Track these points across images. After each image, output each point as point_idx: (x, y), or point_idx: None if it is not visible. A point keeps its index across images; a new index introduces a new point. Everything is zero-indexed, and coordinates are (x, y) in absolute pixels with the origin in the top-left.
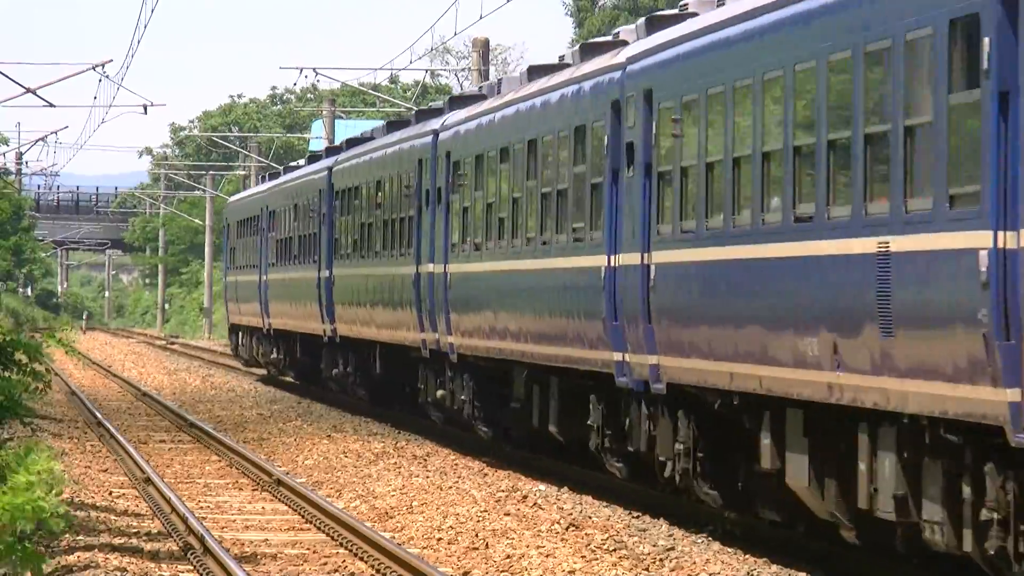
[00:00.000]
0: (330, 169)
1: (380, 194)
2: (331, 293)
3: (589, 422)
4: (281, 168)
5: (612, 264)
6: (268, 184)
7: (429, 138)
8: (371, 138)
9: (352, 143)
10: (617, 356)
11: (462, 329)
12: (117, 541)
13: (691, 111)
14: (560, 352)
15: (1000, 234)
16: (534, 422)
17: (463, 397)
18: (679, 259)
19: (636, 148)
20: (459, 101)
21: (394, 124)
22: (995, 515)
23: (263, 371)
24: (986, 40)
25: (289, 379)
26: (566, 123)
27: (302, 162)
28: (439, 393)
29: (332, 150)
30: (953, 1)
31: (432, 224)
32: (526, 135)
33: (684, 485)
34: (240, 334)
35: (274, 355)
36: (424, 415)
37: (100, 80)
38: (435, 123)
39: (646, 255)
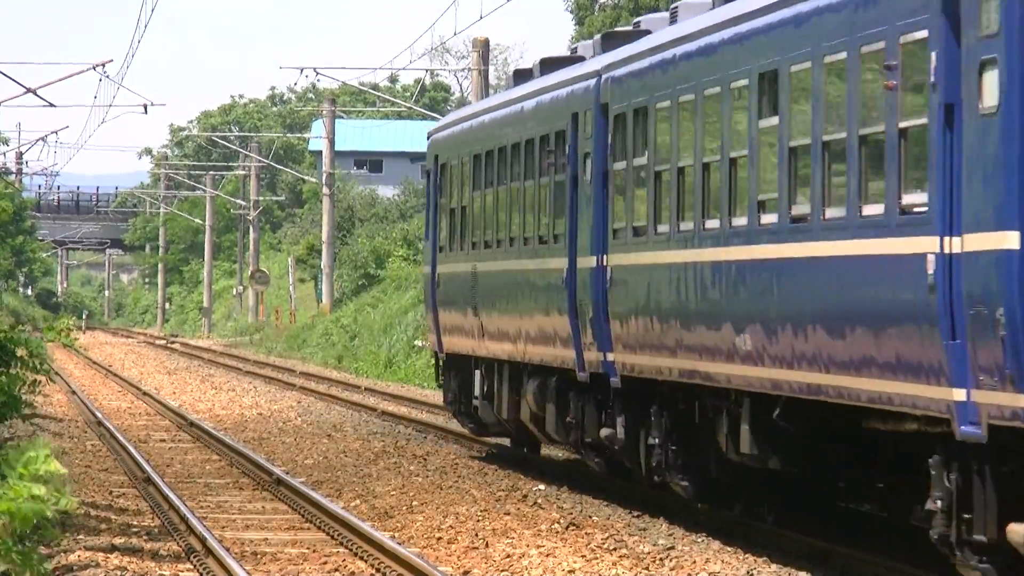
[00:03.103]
0: None
1: None
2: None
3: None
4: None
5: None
6: (596, 62)
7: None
8: None
9: None
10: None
11: None
12: (117, 541)
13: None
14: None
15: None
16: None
17: None
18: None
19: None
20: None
21: None
22: None
23: (501, 440)
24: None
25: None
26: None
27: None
28: None
29: None
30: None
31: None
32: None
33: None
34: (480, 375)
35: (619, 434)
36: None
37: (100, 80)
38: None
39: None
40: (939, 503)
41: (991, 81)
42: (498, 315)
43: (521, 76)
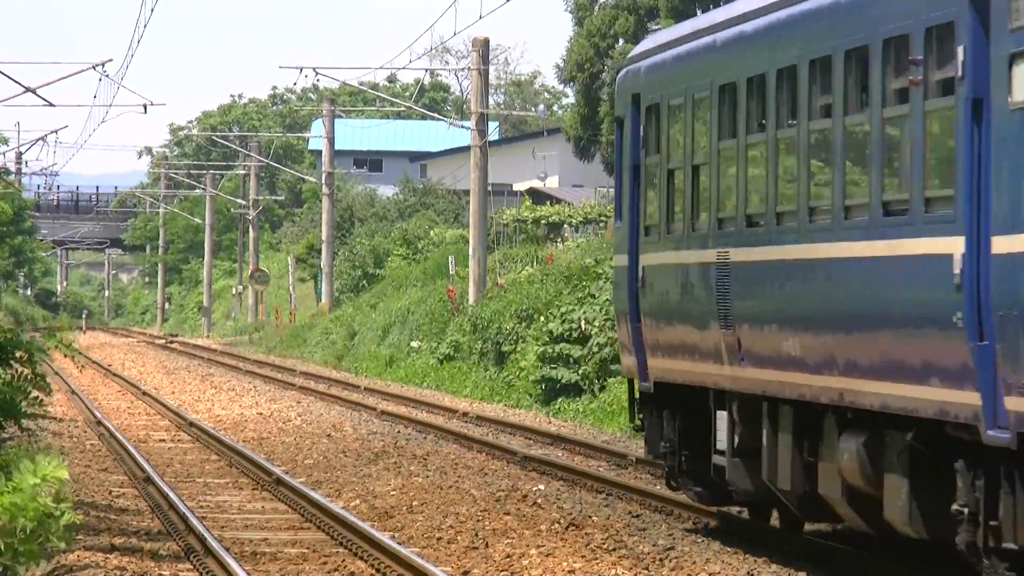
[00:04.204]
0: None
1: None
2: None
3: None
4: None
5: None
6: None
7: None
8: None
9: None
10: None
11: None
12: (117, 541)
13: None
14: None
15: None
16: None
17: None
18: None
19: None
20: None
21: None
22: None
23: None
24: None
25: None
26: None
27: None
28: None
29: None
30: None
31: None
32: None
33: None
34: (729, 419)
35: None
36: None
37: (100, 79)
38: None
39: None
40: None
41: None
42: (778, 329)
43: None
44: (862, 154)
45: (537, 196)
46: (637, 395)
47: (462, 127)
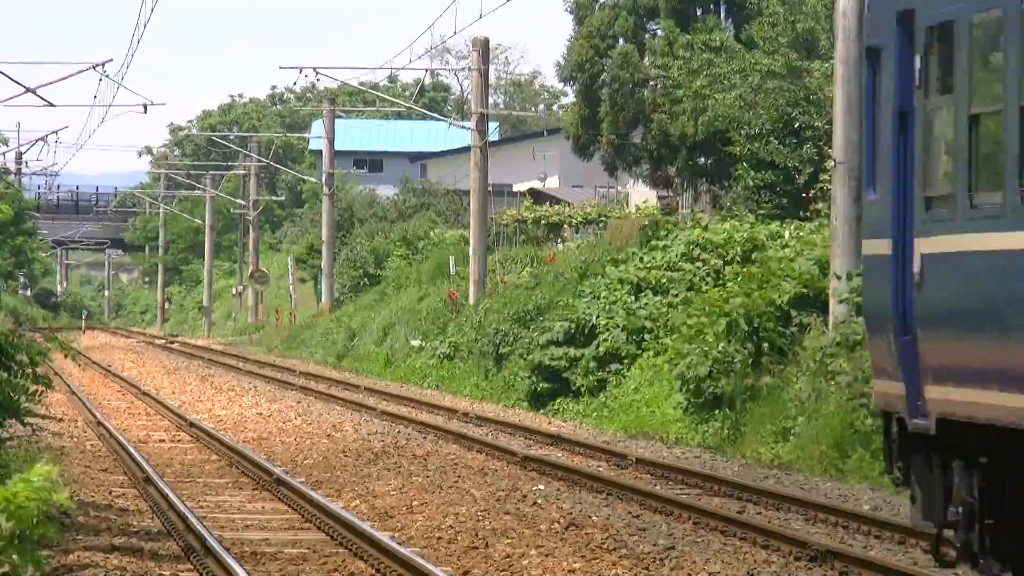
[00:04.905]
0: None
1: None
2: None
3: None
4: None
5: None
6: None
7: None
8: None
9: None
10: None
11: None
12: (117, 541)
13: None
14: None
15: None
16: None
17: None
18: None
19: None
20: None
21: None
22: None
23: None
24: None
25: None
26: None
27: None
28: None
29: None
30: None
31: None
32: None
33: None
34: None
35: None
36: None
37: (100, 79)
38: None
39: None
40: None
41: None
42: None
43: None
44: None
45: (537, 196)
46: (895, 435)
47: (462, 127)
